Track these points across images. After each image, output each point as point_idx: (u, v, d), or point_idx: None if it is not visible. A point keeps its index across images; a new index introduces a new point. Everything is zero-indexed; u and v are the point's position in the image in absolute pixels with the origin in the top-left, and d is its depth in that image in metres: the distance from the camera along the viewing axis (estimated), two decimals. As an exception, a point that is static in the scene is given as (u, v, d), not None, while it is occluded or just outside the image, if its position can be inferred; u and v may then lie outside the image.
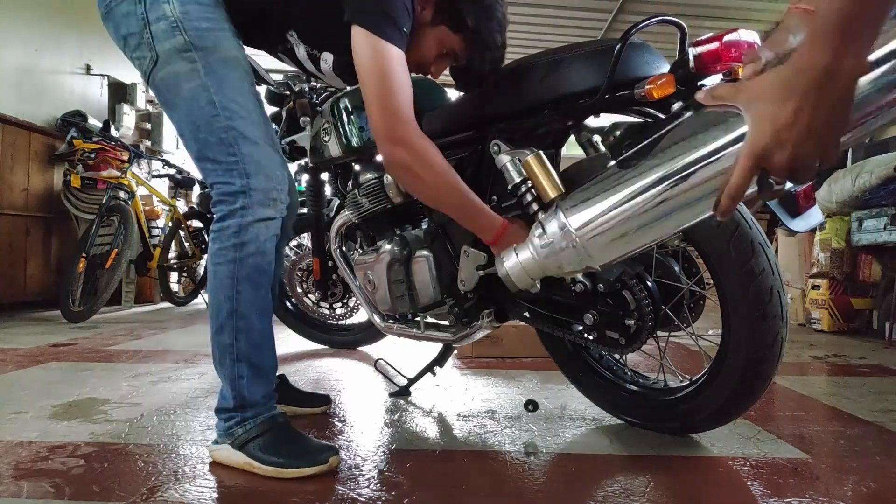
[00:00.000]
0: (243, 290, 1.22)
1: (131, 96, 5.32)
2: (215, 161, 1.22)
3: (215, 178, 1.23)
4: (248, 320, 1.23)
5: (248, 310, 1.23)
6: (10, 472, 1.22)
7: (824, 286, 3.61)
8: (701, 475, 1.28)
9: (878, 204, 3.33)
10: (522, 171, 1.42)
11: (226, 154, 1.21)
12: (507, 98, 1.54)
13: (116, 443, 1.42)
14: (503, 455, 1.38)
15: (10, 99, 4.17)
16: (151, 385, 2.03)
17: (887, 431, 1.60)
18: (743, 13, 5.78)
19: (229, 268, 1.22)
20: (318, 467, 1.20)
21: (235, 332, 1.22)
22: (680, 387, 1.47)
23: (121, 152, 4.28)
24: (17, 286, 4.12)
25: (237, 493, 1.15)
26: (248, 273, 1.22)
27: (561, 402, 1.84)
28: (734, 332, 1.27)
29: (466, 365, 2.40)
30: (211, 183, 1.24)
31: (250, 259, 1.23)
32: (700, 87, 1.28)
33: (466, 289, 1.64)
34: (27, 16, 4.41)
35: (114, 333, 3.28)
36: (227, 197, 1.22)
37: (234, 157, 1.21)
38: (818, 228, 3.72)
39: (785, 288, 1.27)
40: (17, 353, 2.62)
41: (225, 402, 1.25)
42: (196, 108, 1.21)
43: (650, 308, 1.35)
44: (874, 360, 2.69)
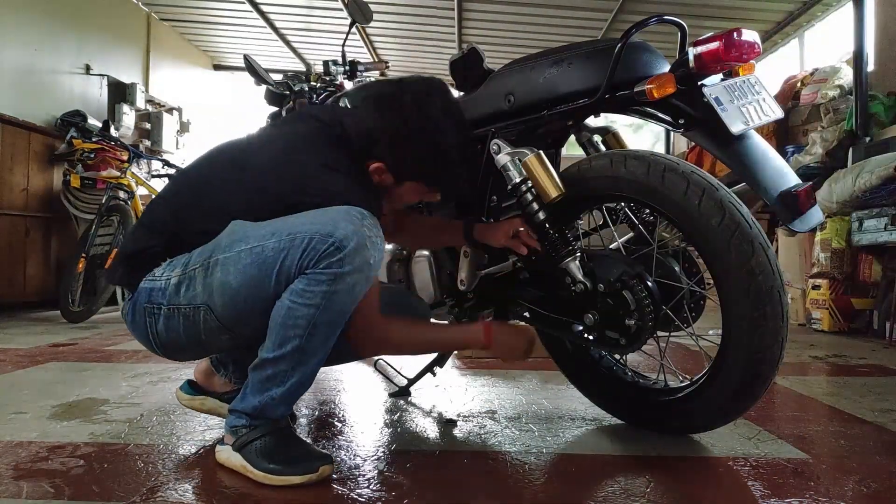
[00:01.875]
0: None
1: (131, 96, 5.32)
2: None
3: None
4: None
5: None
6: (9, 473, 1.22)
7: (825, 286, 3.61)
8: (701, 475, 1.28)
9: (879, 204, 3.33)
10: (522, 170, 1.42)
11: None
12: (507, 98, 1.54)
13: (116, 443, 1.42)
14: (503, 455, 1.38)
15: (9, 99, 4.17)
16: (151, 385, 2.02)
17: (887, 431, 1.59)
18: (743, 13, 5.77)
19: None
20: (307, 476, 1.18)
21: (295, 364, 1.20)
22: (680, 387, 1.47)
23: (120, 152, 4.27)
24: (17, 286, 4.12)
25: (237, 494, 1.15)
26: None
27: (561, 402, 1.84)
28: (734, 332, 1.27)
29: (466, 365, 2.40)
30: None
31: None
32: (700, 87, 1.28)
33: (466, 289, 1.64)
34: (27, 16, 4.40)
35: (113, 333, 3.28)
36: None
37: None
38: (818, 228, 3.71)
39: (785, 288, 1.27)
40: (16, 353, 2.62)
41: (243, 405, 1.23)
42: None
43: (650, 308, 1.34)
44: (874, 361, 2.68)
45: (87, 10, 5.09)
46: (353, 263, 1.13)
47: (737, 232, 1.23)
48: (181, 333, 1.24)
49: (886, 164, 3.31)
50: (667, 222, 1.45)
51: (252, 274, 1.16)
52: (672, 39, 1.45)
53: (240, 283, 1.17)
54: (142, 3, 5.99)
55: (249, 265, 1.17)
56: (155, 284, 1.24)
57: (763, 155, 1.30)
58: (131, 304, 1.28)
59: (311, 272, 1.14)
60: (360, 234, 1.14)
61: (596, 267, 1.41)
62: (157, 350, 1.30)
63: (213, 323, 1.22)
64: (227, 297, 1.19)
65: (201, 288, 1.20)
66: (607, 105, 1.40)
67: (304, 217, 1.18)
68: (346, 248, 1.13)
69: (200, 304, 1.21)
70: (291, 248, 1.14)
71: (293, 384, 1.21)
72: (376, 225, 1.19)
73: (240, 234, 1.20)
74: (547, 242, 1.43)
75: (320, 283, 1.14)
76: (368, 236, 1.16)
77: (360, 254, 1.14)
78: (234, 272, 1.17)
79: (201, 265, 1.21)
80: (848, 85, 4.32)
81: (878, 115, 4.02)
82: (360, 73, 2.48)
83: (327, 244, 1.12)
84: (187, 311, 1.22)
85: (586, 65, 1.42)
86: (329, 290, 1.14)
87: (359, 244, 1.14)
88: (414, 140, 1.27)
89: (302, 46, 7.14)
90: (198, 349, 1.34)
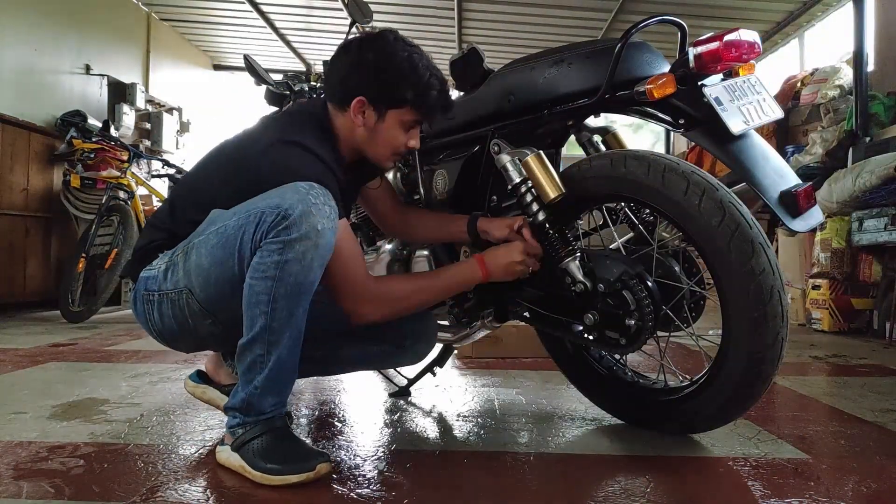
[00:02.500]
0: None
1: (131, 96, 5.32)
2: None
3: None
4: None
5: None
6: (9, 473, 1.22)
7: (825, 286, 3.61)
8: (701, 475, 1.28)
9: (879, 204, 3.33)
10: (522, 170, 1.42)
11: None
12: (507, 98, 1.54)
13: (116, 443, 1.42)
14: (503, 455, 1.38)
15: (9, 99, 4.17)
16: (151, 385, 2.02)
17: (887, 431, 1.59)
18: (743, 13, 5.78)
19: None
20: (304, 475, 1.18)
21: (268, 346, 1.21)
22: (680, 387, 1.47)
23: (120, 152, 4.27)
24: (17, 286, 4.12)
25: (237, 494, 1.15)
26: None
27: (561, 402, 1.84)
28: (734, 332, 1.27)
29: (466, 365, 2.40)
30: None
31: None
32: (700, 87, 1.28)
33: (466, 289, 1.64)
34: (26, 16, 4.41)
35: (113, 333, 3.28)
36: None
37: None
38: (818, 228, 3.71)
39: (785, 288, 1.27)
40: (16, 353, 2.62)
41: (235, 402, 1.25)
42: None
43: (650, 308, 1.34)
44: (874, 361, 2.68)
45: (87, 10, 5.09)
46: (299, 230, 1.16)
47: (737, 232, 1.23)
48: (172, 319, 1.31)
49: (886, 164, 3.31)
50: (667, 222, 1.45)
51: (218, 254, 1.23)
52: (672, 39, 1.45)
53: (210, 262, 1.24)
54: (142, 3, 5.99)
55: (216, 245, 1.23)
56: (150, 273, 1.33)
57: (763, 155, 1.30)
58: (133, 293, 1.38)
59: (263, 244, 1.18)
60: (306, 201, 1.17)
61: (596, 267, 1.41)
62: (158, 338, 1.38)
63: (195, 306, 1.28)
64: (202, 279, 1.25)
65: (182, 272, 1.27)
66: (607, 105, 1.40)
67: (261, 195, 1.23)
68: (292, 216, 1.16)
69: (182, 287, 1.28)
70: (247, 224, 1.19)
71: (271, 369, 1.21)
72: (325, 194, 1.21)
73: (212, 218, 1.28)
74: (547, 242, 1.43)
75: (272, 254, 1.17)
76: (314, 203, 1.18)
77: (307, 220, 1.16)
78: (205, 253, 1.24)
79: (182, 250, 1.29)
80: (848, 85, 4.32)
81: (878, 115, 4.02)
82: (360, 73, 2.47)
83: (274, 215, 1.17)
84: (173, 297, 1.29)
85: (586, 65, 1.41)
86: (280, 258, 1.16)
87: (304, 211, 1.16)
88: (384, 60, 1.34)
89: (302, 46, 7.14)
90: (190, 336, 1.36)
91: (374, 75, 1.34)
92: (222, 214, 1.26)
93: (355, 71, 1.35)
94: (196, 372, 1.60)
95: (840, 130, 4.13)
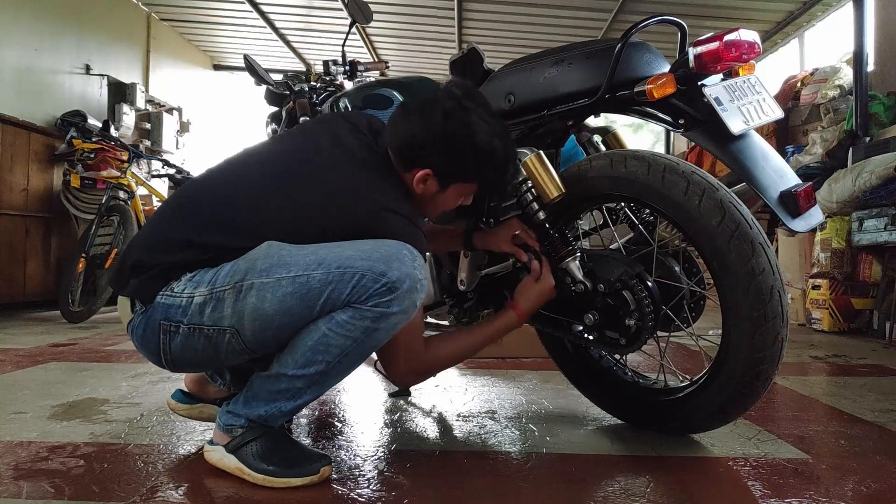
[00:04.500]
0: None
1: (131, 96, 5.31)
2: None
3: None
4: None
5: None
6: (9, 473, 1.22)
7: (825, 286, 3.61)
8: (701, 475, 1.28)
9: (879, 204, 3.33)
10: (522, 170, 1.42)
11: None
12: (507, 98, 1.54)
13: (116, 443, 1.42)
14: (503, 455, 1.38)
15: (9, 99, 4.17)
16: (151, 385, 2.02)
17: (887, 431, 1.59)
18: (743, 13, 5.77)
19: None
20: (308, 478, 1.18)
21: (311, 384, 1.19)
22: (680, 387, 1.47)
23: (120, 152, 4.27)
24: (17, 286, 4.12)
25: (238, 494, 1.15)
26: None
27: (561, 402, 1.84)
28: (735, 332, 1.27)
29: (466, 365, 2.40)
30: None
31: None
32: (700, 87, 1.28)
33: (466, 289, 1.64)
34: (26, 16, 4.40)
35: (113, 333, 3.28)
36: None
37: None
38: (818, 228, 3.71)
39: (785, 288, 1.27)
40: (16, 353, 2.62)
41: (247, 411, 1.21)
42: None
43: (650, 308, 1.34)
44: (874, 360, 2.68)
45: (87, 10, 5.09)
46: (401, 305, 1.14)
47: (737, 232, 1.23)
48: (198, 352, 1.19)
49: (886, 164, 3.31)
50: (667, 222, 1.45)
51: (291, 304, 1.13)
52: (672, 39, 1.45)
53: (276, 310, 1.13)
54: (142, 3, 5.99)
55: (290, 295, 1.12)
56: (174, 301, 1.17)
57: (763, 155, 1.30)
58: (144, 318, 1.20)
59: (358, 307, 1.13)
60: (413, 276, 1.14)
61: (596, 267, 1.41)
62: (164, 365, 1.24)
63: (237, 346, 1.17)
64: (258, 324, 1.14)
65: (230, 311, 1.14)
66: (607, 105, 1.40)
67: (353, 251, 1.14)
68: (398, 291, 1.12)
69: (227, 326, 1.15)
70: (340, 283, 1.12)
71: (304, 401, 1.21)
72: (425, 266, 1.20)
73: (277, 257, 1.15)
74: (547, 242, 1.43)
75: (364, 319, 1.13)
76: (420, 279, 1.16)
77: (410, 297, 1.14)
78: (272, 299, 1.13)
79: (232, 287, 1.14)
80: (848, 85, 4.32)
81: (878, 115, 4.02)
82: (360, 73, 2.48)
83: (379, 283, 1.11)
84: (210, 332, 1.16)
85: (586, 65, 1.42)
86: (372, 326, 1.14)
87: (411, 287, 1.14)
88: (461, 141, 1.25)
89: (302, 46, 7.14)
90: (209, 365, 1.34)
91: (450, 156, 1.26)
92: (295, 258, 1.14)
93: (430, 144, 1.25)
94: (178, 392, 1.55)
95: (840, 130, 4.13)
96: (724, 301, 1.28)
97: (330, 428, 1.58)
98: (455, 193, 1.33)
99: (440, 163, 1.27)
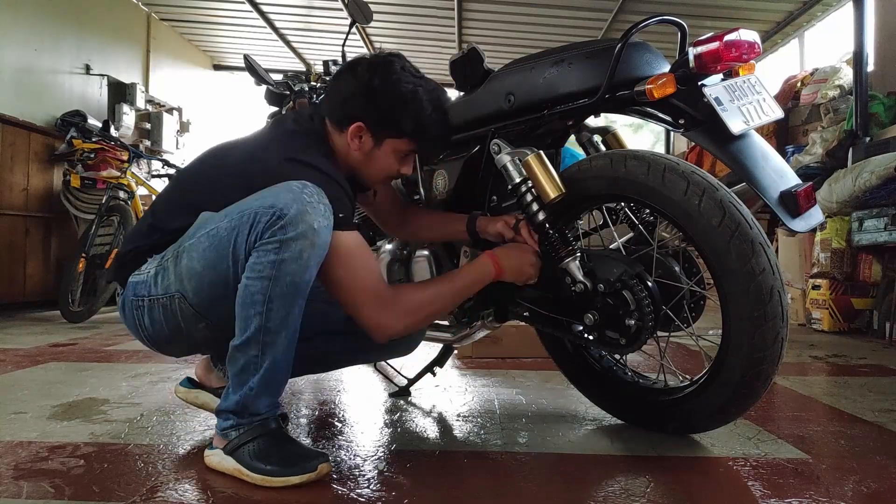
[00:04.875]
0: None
1: (131, 96, 5.31)
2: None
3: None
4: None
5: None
6: (9, 473, 1.22)
7: (825, 286, 3.61)
8: (701, 475, 1.28)
9: (879, 204, 3.33)
10: (523, 170, 1.42)
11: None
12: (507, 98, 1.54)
13: (116, 443, 1.42)
14: (503, 455, 1.38)
15: (9, 99, 4.17)
16: (151, 385, 2.02)
17: (887, 431, 1.59)
18: (743, 13, 5.77)
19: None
20: (306, 476, 1.18)
21: (262, 347, 1.20)
22: (680, 387, 1.47)
23: (120, 152, 4.27)
24: (17, 286, 4.12)
25: (237, 494, 1.15)
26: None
27: (561, 402, 1.84)
28: (735, 332, 1.27)
29: (466, 365, 2.40)
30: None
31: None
32: (700, 87, 1.28)
33: (466, 289, 1.63)
34: (26, 16, 4.40)
35: (113, 333, 3.28)
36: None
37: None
38: (818, 228, 3.71)
39: (785, 288, 1.27)
40: (16, 353, 2.62)
41: (227, 403, 1.24)
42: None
43: (650, 308, 1.34)
44: (874, 360, 2.68)
45: (87, 10, 5.09)
46: (296, 229, 1.16)
47: (737, 232, 1.23)
48: (164, 324, 1.30)
49: (886, 164, 3.31)
50: (667, 222, 1.45)
51: (211, 256, 1.22)
52: (672, 39, 1.45)
53: (202, 265, 1.23)
54: (142, 3, 5.99)
55: (208, 248, 1.22)
56: (139, 278, 1.32)
57: (763, 155, 1.30)
58: (122, 299, 1.35)
59: (259, 244, 1.17)
60: (300, 200, 1.17)
61: (596, 267, 1.41)
62: (148, 343, 1.36)
63: (188, 310, 1.27)
64: (194, 282, 1.24)
65: (174, 276, 1.26)
66: (607, 105, 1.40)
67: (252, 197, 1.22)
68: (288, 215, 1.15)
69: (174, 291, 1.26)
70: (241, 225, 1.19)
71: (266, 370, 1.21)
72: (318, 192, 1.21)
73: (203, 221, 1.27)
74: (547, 242, 1.43)
75: (268, 253, 1.16)
76: (308, 201, 1.18)
77: (303, 218, 1.16)
78: (197, 256, 1.23)
79: (172, 254, 1.28)
80: (848, 85, 4.32)
81: (878, 115, 4.02)
82: (360, 73, 2.47)
83: (269, 214, 1.16)
84: (165, 301, 1.28)
85: (586, 65, 1.41)
86: (277, 258, 1.16)
87: (300, 210, 1.16)
88: (387, 88, 1.33)
89: (302, 46, 7.14)
90: (183, 341, 1.36)
91: (377, 103, 1.33)
92: (212, 217, 1.25)
93: (358, 95, 1.34)
94: (186, 378, 1.60)
95: (840, 130, 4.13)
96: (724, 301, 1.28)
97: (330, 428, 1.58)
98: (390, 150, 1.38)
99: (369, 112, 1.34)
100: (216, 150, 1.42)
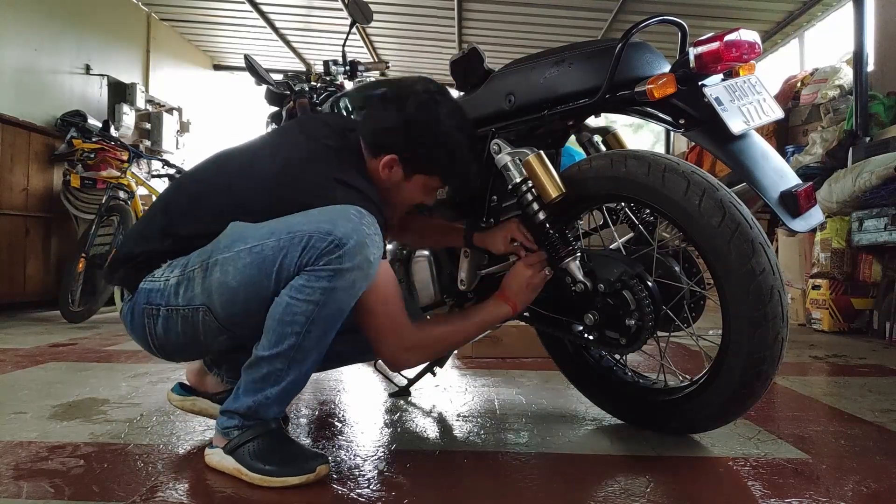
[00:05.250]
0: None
1: (131, 96, 5.31)
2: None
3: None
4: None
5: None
6: (9, 473, 1.22)
7: (825, 286, 3.61)
8: (701, 475, 1.28)
9: (879, 204, 3.33)
10: (523, 170, 1.42)
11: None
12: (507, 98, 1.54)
13: (116, 443, 1.42)
14: (503, 455, 1.38)
15: (9, 99, 4.17)
16: (151, 385, 2.02)
17: (887, 431, 1.59)
18: (743, 13, 5.77)
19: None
20: (305, 476, 1.18)
21: (290, 362, 1.19)
22: (680, 387, 1.47)
23: (120, 152, 4.27)
24: (17, 286, 4.12)
25: (237, 494, 1.15)
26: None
27: (561, 402, 1.84)
28: (735, 332, 1.27)
29: (466, 365, 2.40)
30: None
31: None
32: (701, 87, 1.28)
33: (466, 289, 1.64)
34: (26, 16, 4.40)
35: (113, 333, 3.28)
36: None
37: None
38: (818, 228, 3.71)
39: (785, 288, 1.27)
40: (16, 353, 2.62)
41: (236, 405, 1.23)
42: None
43: (651, 308, 1.34)
44: (874, 360, 2.68)
45: (87, 10, 5.08)
46: (353, 260, 1.14)
47: (737, 232, 1.23)
48: (180, 334, 1.26)
49: (886, 164, 3.31)
50: (667, 222, 1.45)
51: (251, 274, 1.17)
52: (672, 39, 1.45)
53: (239, 282, 1.18)
54: (142, 3, 5.99)
55: (249, 265, 1.17)
56: (154, 286, 1.26)
57: (763, 155, 1.30)
58: (130, 305, 1.30)
59: (311, 269, 1.14)
60: (360, 231, 1.15)
61: (596, 267, 1.41)
62: (155, 351, 1.32)
63: (212, 324, 1.23)
64: (225, 298, 1.20)
65: (200, 289, 1.21)
66: (607, 105, 1.40)
67: (302, 217, 1.18)
68: (346, 245, 1.13)
69: (199, 304, 1.22)
70: (291, 247, 1.15)
71: (288, 383, 1.20)
72: (375, 224, 1.20)
73: (238, 234, 1.21)
74: (547, 242, 1.43)
75: (320, 280, 1.14)
76: (368, 234, 1.17)
77: (361, 251, 1.15)
78: (234, 272, 1.18)
79: (200, 266, 1.22)
80: (848, 85, 4.32)
81: (878, 115, 4.02)
82: (360, 74, 2.47)
83: (326, 241, 1.13)
84: (186, 313, 1.23)
85: (586, 65, 1.41)
86: (329, 286, 1.14)
87: (359, 241, 1.14)
88: (429, 130, 1.32)
89: (302, 46, 7.13)
90: (195, 349, 1.34)
91: (415, 143, 1.32)
92: (250, 230, 1.20)
93: (398, 130, 1.32)
94: (178, 385, 1.57)
95: (840, 130, 4.13)
96: (724, 301, 1.28)
97: (330, 428, 1.58)
98: (419, 185, 1.38)
99: (406, 149, 1.32)
100: (233, 156, 1.38)
